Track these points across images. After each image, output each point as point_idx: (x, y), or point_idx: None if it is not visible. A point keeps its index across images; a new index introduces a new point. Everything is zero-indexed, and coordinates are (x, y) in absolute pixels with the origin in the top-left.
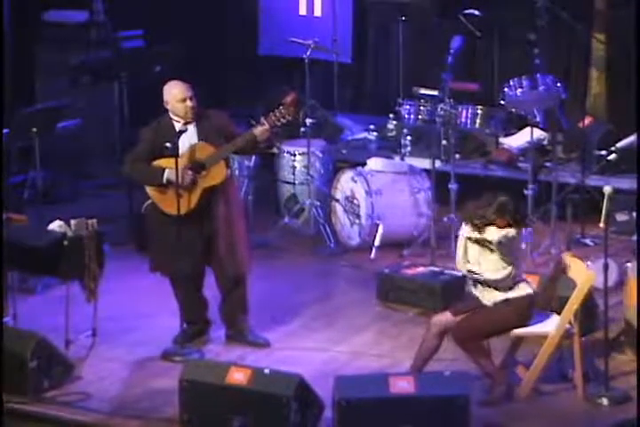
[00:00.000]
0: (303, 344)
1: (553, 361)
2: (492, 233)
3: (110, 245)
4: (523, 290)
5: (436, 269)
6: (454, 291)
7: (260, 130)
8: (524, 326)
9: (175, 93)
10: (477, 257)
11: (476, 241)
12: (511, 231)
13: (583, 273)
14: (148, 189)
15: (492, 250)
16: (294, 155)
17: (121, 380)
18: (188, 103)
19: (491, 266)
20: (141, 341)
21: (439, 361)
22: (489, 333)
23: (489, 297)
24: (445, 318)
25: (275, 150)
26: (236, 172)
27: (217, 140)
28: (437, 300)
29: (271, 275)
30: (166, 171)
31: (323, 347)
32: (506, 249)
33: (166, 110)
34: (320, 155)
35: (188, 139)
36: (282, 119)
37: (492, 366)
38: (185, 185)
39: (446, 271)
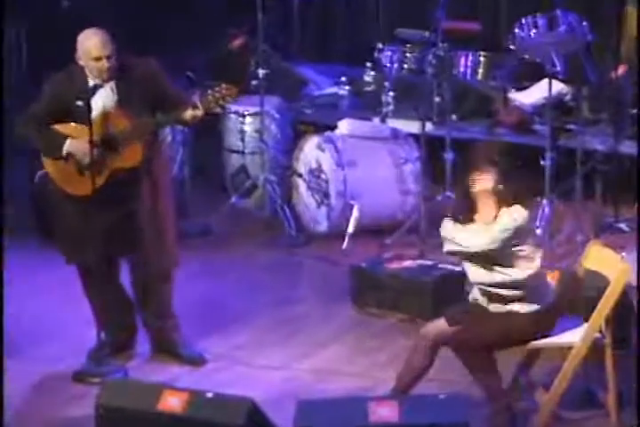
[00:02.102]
0: (256, 360)
1: (578, 380)
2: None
3: (9, 234)
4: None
5: (427, 262)
6: (450, 291)
7: (191, 115)
8: (544, 336)
9: (89, 49)
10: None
11: None
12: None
13: (617, 267)
14: (44, 160)
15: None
16: (243, 116)
17: (24, 406)
18: (105, 64)
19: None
20: (51, 356)
21: (429, 382)
22: (497, 344)
23: (496, 305)
24: (439, 327)
25: (218, 110)
26: (168, 138)
27: (141, 101)
28: (428, 303)
29: (215, 271)
30: (68, 141)
31: (281, 364)
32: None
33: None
34: (276, 116)
35: (103, 98)
36: (221, 101)
37: (499, 386)
38: (90, 163)
39: (440, 265)
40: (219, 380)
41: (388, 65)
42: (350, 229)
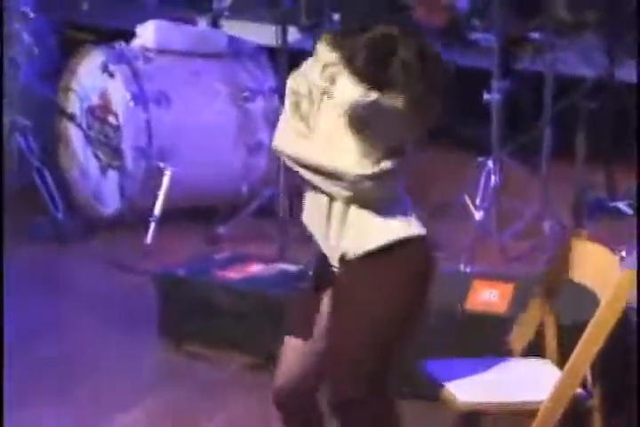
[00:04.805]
0: None
1: None
2: (343, 88)
3: None
4: (406, 228)
5: (290, 266)
6: None
7: None
8: (421, 300)
9: None
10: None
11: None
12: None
13: (611, 274)
14: None
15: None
16: None
17: None
18: None
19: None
20: None
21: None
22: (382, 345)
23: (341, 246)
24: (295, 364)
25: None
26: None
27: None
28: None
29: None
30: None
31: None
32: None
33: None
34: (31, 15)
35: None
36: None
37: None
38: None
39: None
40: None
41: None
42: (158, 210)
